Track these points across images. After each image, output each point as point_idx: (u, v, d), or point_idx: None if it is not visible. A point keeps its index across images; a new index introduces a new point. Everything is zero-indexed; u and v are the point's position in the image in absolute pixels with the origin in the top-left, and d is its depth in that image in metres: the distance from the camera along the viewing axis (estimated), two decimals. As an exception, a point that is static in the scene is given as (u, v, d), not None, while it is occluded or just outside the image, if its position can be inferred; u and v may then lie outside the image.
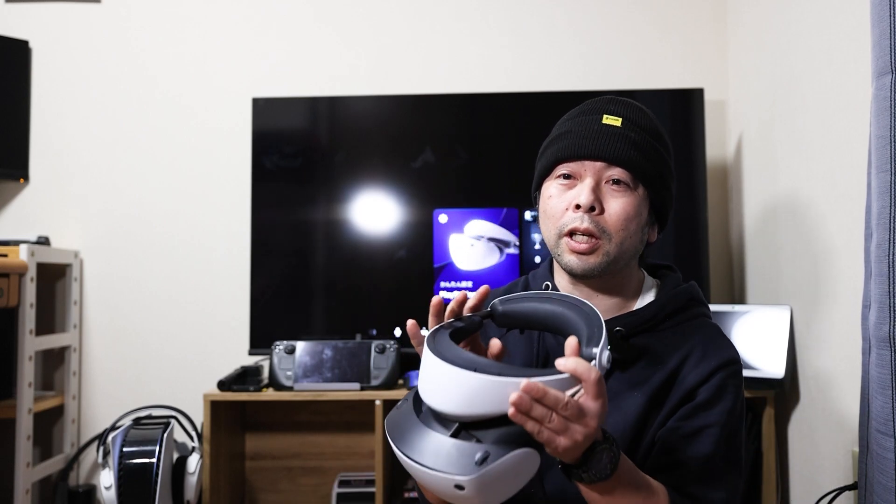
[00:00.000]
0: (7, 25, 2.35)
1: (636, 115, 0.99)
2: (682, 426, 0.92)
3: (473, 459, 0.72)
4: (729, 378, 0.94)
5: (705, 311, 1.03)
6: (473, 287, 2.09)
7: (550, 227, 0.98)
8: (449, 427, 0.76)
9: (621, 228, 0.95)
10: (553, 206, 0.98)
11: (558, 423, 0.73)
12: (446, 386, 0.76)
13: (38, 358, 2.26)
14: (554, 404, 0.72)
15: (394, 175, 2.15)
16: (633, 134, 0.96)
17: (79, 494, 2.19)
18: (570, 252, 0.95)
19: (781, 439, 1.82)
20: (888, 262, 0.98)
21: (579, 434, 0.74)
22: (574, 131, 0.98)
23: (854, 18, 1.40)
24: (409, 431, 0.78)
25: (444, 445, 0.75)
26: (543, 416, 0.72)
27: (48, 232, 2.30)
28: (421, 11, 2.35)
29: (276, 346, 1.98)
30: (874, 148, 1.02)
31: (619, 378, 0.96)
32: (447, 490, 0.74)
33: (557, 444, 0.74)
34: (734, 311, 1.87)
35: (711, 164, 2.25)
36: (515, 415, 0.72)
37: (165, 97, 2.35)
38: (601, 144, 0.95)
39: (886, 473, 0.99)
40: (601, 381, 0.75)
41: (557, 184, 0.99)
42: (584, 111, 1.01)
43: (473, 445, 0.73)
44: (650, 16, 2.32)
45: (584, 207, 0.94)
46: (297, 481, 2.28)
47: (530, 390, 0.71)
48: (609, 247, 0.94)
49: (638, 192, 0.96)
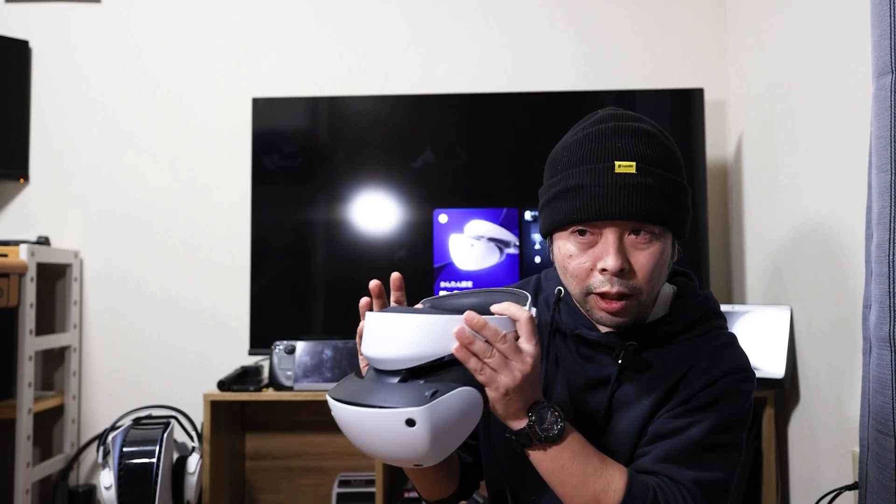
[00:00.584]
0: (7, 25, 2.35)
1: (646, 147, 0.90)
2: (673, 422, 0.92)
3: (423, 395, 0.76)
4: (734, 384, 0.92)
5: (721, 323, 1.01)
6: (473, 287, 2.09)
7: (575, 285, 0.93)
8: (394, 376, 0.79)
9: (650, 280, 0.91)
10: (575, 266, 0.92)
11: (498, 358, 0.79)
12: (393, 335, 0.79)
13: (38, 358, 2.26)
14: (493, 337, 0.78)
15: (394, 175, 2.15)
16: (650, 179, 0.88)
17: (79, 494, 2.19)
18: (601, 310, 0.92)
19: (781, 439, 1.82)
20: (888, 262, 0.98)
21: (518, 371, 0.80)
22: (585, 186, 0.89)
23: (854, 18, 1.40)
24: (355, 389, 0.81)
25: (393, 389, 0.78)
26: (484, 351, 0.78)
27: (48, 232, 2.30)
28: (421, 11, 2.35)
29: (276, 346, 1.98)
30: (874, 148, 1.02)
31: (628, 388, 0.96)
32: (397, 431, 0.75)
33: (498, 382, 0.79)
34: (734, 311, 1.87)
35: (711, 164, 2.25)
36: (459, 349, 0.77)
37: (165, 97, 2.35)
38: (619, 203, 0.87)
39: (886, 473, 0.99)
40: (532, 320, 0.82)
41: (574, 241, 0.92)
42: (589, 154, 0.91)
43: (422, 385, 0.77)
44: (650, 16, 2.32)
45: (611, 272, 0.88)
46: (297, 481, 2.28)
47: (471, 320, 0.77)
48: (640, 299, 0.91)
49: (662, 236, 0.91)
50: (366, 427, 0.78)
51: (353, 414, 0.78)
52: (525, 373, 0.80)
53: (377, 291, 0.91)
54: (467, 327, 0.78)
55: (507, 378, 0.79)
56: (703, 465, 0.89)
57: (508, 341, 0.80)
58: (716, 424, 0.90)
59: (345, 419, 0.80)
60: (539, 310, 1.06)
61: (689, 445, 0.89)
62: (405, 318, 0.79)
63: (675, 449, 0.89)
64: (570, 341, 1.00)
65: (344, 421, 0.80)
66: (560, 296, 1.02)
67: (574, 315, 1.00)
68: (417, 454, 0.78)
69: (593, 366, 0.98)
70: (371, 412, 0.76)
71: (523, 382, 0.80)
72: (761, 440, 1.79)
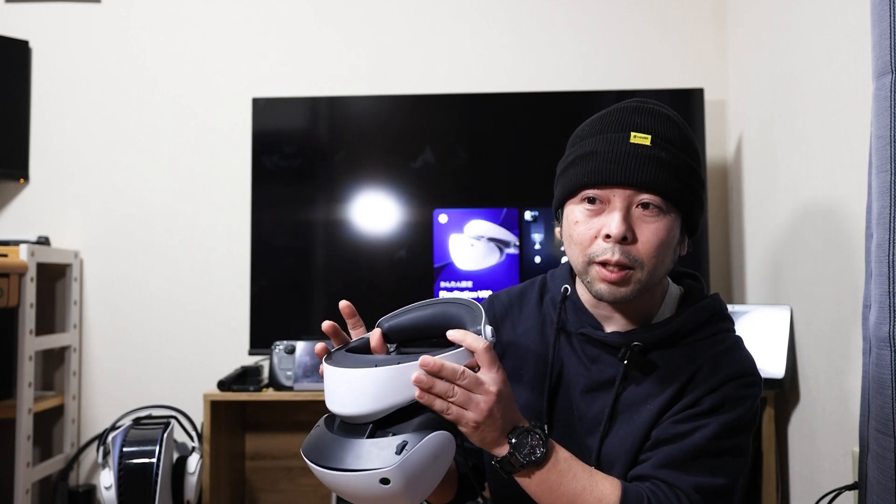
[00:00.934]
0: (7, 25, 2.35)
1: (665, 127, 0.91)
2: (677, 427, 0.91)
3: (393, 450, 0.76)
4: (739, 388, 0.91)
5: (728, 326, 1.00)
6: (473, 287, 2.10)
7: (578, 253, 0.93)
8: (364, 431, 0.79)
9: (654, 255, 0.89)
10: (580, 232, 0.92)
11: (461, 395, 0.79)
12: (352, 390, 0.79)
13: (38, 358, 2.26)
14: (452, 375, 0.78)
15: (394, 175, 2.15)
16: (663, 153, 0.89)
17: (79, 494, 2.19)
18: (601, 280, 0.90)
19: (781, 439, 1.82)
20: (888, 262, 0.98)
21: (483, 403, 0.80)
22: (600, 153, 0.90)
23: (854, 18, 1.40)
24: (326, 447, 0.81)
25: (362, 447, 0.78)
26: (446, 391, 0.78)
27: (48, 232, 2.30)
28: (421, 11, 2.35)
29: (276, 346, 1.98)
30: (874, 148, 1.02)
31: (633, 391, 0.95)
32: (373, 490, 0.76)
33: (467, 418, 0.80)
34: (734, 311, 1.87)
35: (711, 164, 2.25)
36: (422, 395, 0.78)
37: (165, 97, 2.35)
38: (630, 169, 0.88)
39: (886, 473, 0.99)
40: (490, 348, 0.81)
41: (583, 209, 0.92)
42: (608, 125, 0.93)
43: (390, 439, 0.77)
44: (650, 16, 2.32)
45: (614, 238, 0.88)
46: (297, 481, 2.28)
47: (426, 364, 0.77)
48: (641, 275, 0.90)
49: (670, 214, 0.91)
50: (343, 487, 0.79)
51: (330, 476, 0.79)
52: (491, 403, 0.80)
53: (348, 312, 0.93)
54: (423, 373, 0.78)
55: (474, 412, 0.80)
56: (706, 471, 0.88)
57: (468, 377, 0.79)
58: (720, 429, 0.89)
59: (322, 479, 0.81)
60: (545, 308, 1.05)
61: (691, 451, 0.88)
62: (361, 373, 0.78)
63: (677, 454, 0.89)
64: (575, 341, 1.00)
65: (322, 479, 0.81)
66: (566, 294, 1.01)
67: (580, 314, 1.00)
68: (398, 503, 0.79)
69: (598, 366, 0.97)
70: (345, 476, 0.77)
71: (492, 412, 0.81)
72: (761, 440, 1.79)
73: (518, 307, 1.07)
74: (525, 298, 1.08)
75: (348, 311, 0.93)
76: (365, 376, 0.78)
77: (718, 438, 0.89)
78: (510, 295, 1.10)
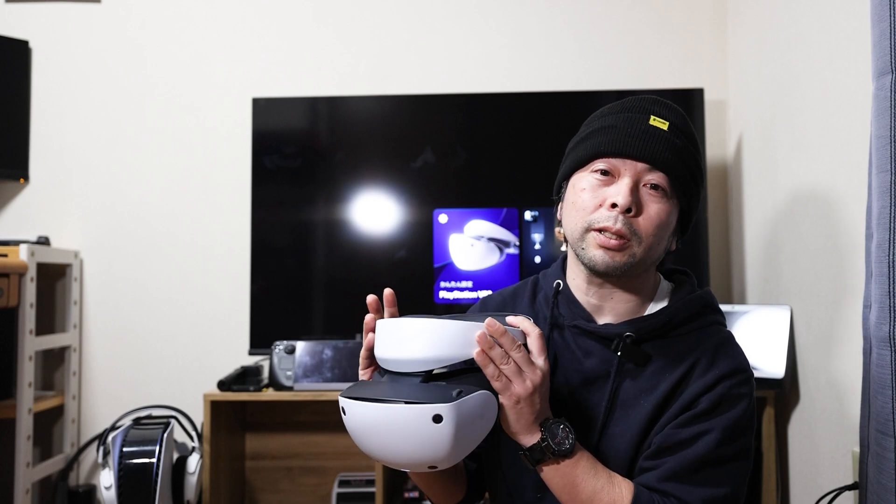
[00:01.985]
0: (7, 25, 2.35)
1: (681, 121, 0.96)
2: (678, 432, 0.90)
3: (450, 392, 0.77)
4: (734, 387, 0.92)
5: (720, 319, 1.01)
6: (473, 287, 2.10)
7: (578, 219, 0.94)
8: (417, 379, 0.81)
9: (653, 234, 0.92)
10: (585, 199, 0.93)
11: (513, 366, 0.82)
12: (415, 337, 0.81)
13: (38, 358, 2.26)
14: (509, 345, 0.82)
15: (394, 175, 2.15)
16: (678, 141, 0.93)
17: (79, 494, 2.19)
18: (597, 246, 0.92)
19: (781, 439, 1.82)
20: (888, 262, 0.98)
21: (529, 381, 0.83)
22: (619, 127, 0.93)
23: (854, 19, 1.40)
24: (375, 386, 0.82)
25: (418, 388, 0.79)
26: (501, 357, 0.81)
27: (48, 232, 2.30)
28: (420, 11, 2.35)
29: (276, 346, 1.98)
30: (874, 148, 1.02)
31: (628, 386, 0.95)
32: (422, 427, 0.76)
33: (512, 390, 0.82)
34: (734, 311, 1.87)
35: (711, 164, 2.25)
36: (480, 354, 0.80)
37: (165, 97, 2.35)
38: (647, 146, 0.92)
39: (886, 473, 0.99)
40: (542, 336, 0.85)
41: (593, 177, 0.94)
42: (629, 107, 0.96)
43: (446, 385, 0.79)
44: (650, 16, 2.32)
45: (621, 208, 0.90)
46: (297, 481, 2.28)
47: (491, 325, 0.81)
48: (637, 249, 0.91)
49: (673, 200, 0.94)
50: (388, 424, 0.78)
51: (376, 411, 0.78)
52: (536, 384, 0.83)
53: (391, 300, 0.93)
54: (487, 333, 0.80)
55: (520, 387, 0.82)
56: (712, 482, 0.89)
57: (522, 352, 0.82)
58: (722, 436, 0.89)
59: (363, 418, 0.80)
60: (538, 307, 1.06)
61: (696, 462, 0.89)
62: (429, 322, 0.81)
63: (682, 467, 0.89)
64: (567, 334, 1.00)
65: (362, 420, 0.80)
66: (559, 289, 1.02)
67: (573, 307, 1.00)
68: (439, 453, 0.78)
69: (592, 360, 0.97)
70: (396, 408, 0.77)
71: (534, 394, 0.83)
72: (761, 440, 1.79)
73: (511, 306, 1.08)
74: (518, 297, 1.09)
75: (391, 298, 0.93)
76: (432, 324, 0.81)
77: (721, 446, 0.89)
78: (503, 295, 1.11)
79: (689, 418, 0.91)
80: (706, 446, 0.89)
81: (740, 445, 0.91)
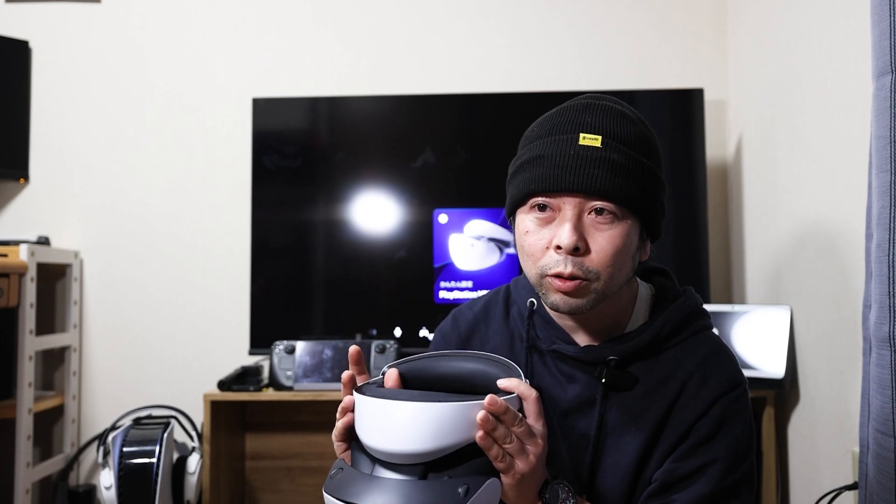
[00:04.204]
0: (7, 25, 2.35)
1: (617, 125, 0.85)
2: (680, 466, 0.86)
3: (457, 493, 0.70)
4: (731, 405, 0.87)
5: (706, 323, 0.94)
6: (473, 287, 2.10)
7: (530, 266, 0.87)
8: (413, 472, 0.71)
9: (610, 265, 0.83)
10: (531, 243, 0.86)
11: (516, 443, 0.74)
12: (412, 425, 0.71)
13: (38, 358, 2.26)
14: (511, 421, 0.74)
15: (394, 175, 2.15)
16: (615, 155, 0.83)
17: (79, 494, 2.19)
18: (555, 291, 0.85)
19: (781, 439, 1.82)
20: (888, 262, 0.98)
21: (532, 455, 0.76)
22: (547, 156, 0.84)
23: (854, 19, 1.40)
24: (367, 489, 0.71)
25: (418, 488, 0.70)
26: (505, 436, 0.73)
27: (48, 232, 2.30)
28: (420, 11, 2.35)
29: (276, 346, 1.98)
30: (874, 148, 1.02)
31: (616, 413, 0.89)
32: None
33: (516, 468, 0.75)
34: (734, 311, 1.87)
35: (711, 164, 2.25)
36: (483, 437, 0.72)
37: (165, 97, 2.35)
38: (579, 175, 0.82)
39: (886, 473, 0.99)
40: (539, 400, 0.78)
41: (533, 217, 0.86)
42: (556, 126, 0.87)
43: (450, 481, 0.71)
44: (650, 16, 2.32)
45: (565, 250, 0.82)
46: (297, 481, 2.28)
47: (493, 404, 0.72)
48: (597, 284, 0.84)
49: (626, 220, 0.84)
50: None
51: None
52: (538, 455, 0.77)
53: (356, 358, 0.84)
54: (488, 413, 0.72)
55: (523, 463, 0.75)
56: None
57: (524, 425, 0.75)
58: (727, 465, 0.85)
59: None
60: (512, 323, 1.00)
61: (703, 499, 0.85)
62: (424, 407, 0.71)
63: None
64: (548, 359, 0.94)
65: None
66: (533, 308, 0.96)
67: (549, 328, 0.94)
68: None
69: (575, 386, 0.91)
70: None
71: (537, 466, 0.77)
72: (761, 440, 1.79)
73: (484, 322, 1.01)
74: (490, 312, 1.02)
75: (357, 357, 0.84)
76: (429, 411, 0.71)
77: (727, 476, 0.85)
78: (474, 310, 1.03)
79: (689, 449, 0.86)
80: (712, 480, 0.85)
81: (745, 470, 0.87)
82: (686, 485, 0.85)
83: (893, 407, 0.97)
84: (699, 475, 0.85)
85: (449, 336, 1.03)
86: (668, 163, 2.13)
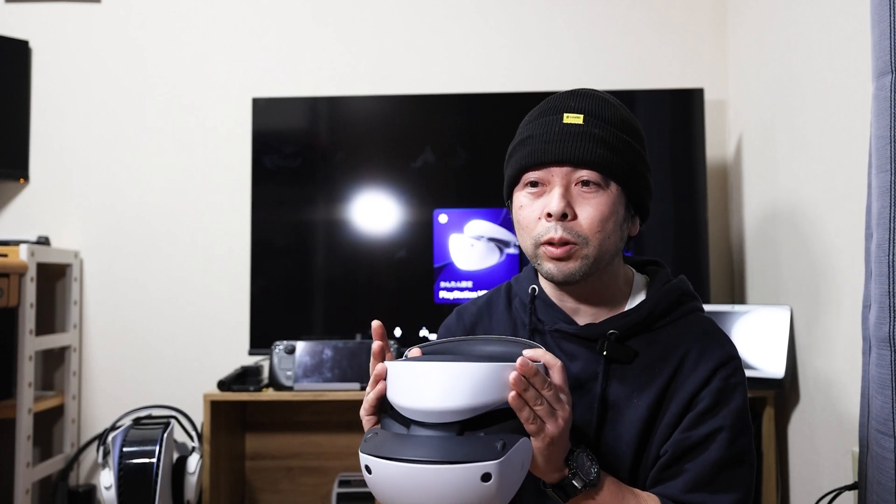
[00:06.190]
0: (7, 25, 2.35)
1: (599, 107, 0.93)
2: (689, 436, 0.90)
3: (494, 447, 0.72)
4: (730, 377, 0.92)
5: (698, 305, 1.01)
6: (473, 287, 2.10)
7: (526, 237, 0.95)
8: (449, 430, 0.74)
9: (597, 231, 0.90)
10: (525, 216, 0.94)
11: (546, 407, 0.77)
12: (445, 383, 0.74)
13: (38, 358, 2.26)
14: (541, 384, 0.77)
15: (394, 175, 2.15)
16: (596, 130, 0.91)
17: (79, 494, 2.19)
18: (549, 259, 0.91)
19: (781, 439, 1.82)
20: (888, 262, 0.98)
21: (561, 419, 0.78)
22: (535, 135, 0.93)
23: (854, 19, 1.40)
24: (406, 445, 0.73)
25: (456, 443, 0.72)
26: (535, 398, 0.76)
27: (48, 232, 2.30)
28: (420, 11, 2.35)
29: (276, 346, 1.98)
30: (874, 148, 1.02)
31: (617, 387, 0.94)
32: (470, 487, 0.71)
33: (546, 431, 0.77)
34: (734, 311, 1.87)
35: (711, 164, 2.25)
36: (515, 398, 0.75)
37: (165, 97, 2.35)
38: (564, 147, 0.90)
39: (886, 473, 0.99)
40: (564, 368, 0.81)
41: (526, 193, 0.94)
42: (544, 111, 0.96)
43: (485, 437, 0.73)
44: (650, 16, 2.32)
45: (555, 216, 0.90)
46: (297, 481, 2.28)
47: (525, 366, 0.75)
48: (587, 250, 0.90)
49: (611, 189, 0.91)
50: (429, 486, 0.71)
51: (414, 472, 0.71)
52: (566, 419, 0.79)
53: (380, 333, 0.87)
54: (520, 375, 0.75)
55: (553, 427, 0.78)
56: (732, 486, 0.89)
57: (552, 388, 0.78)
58: (732, 433, 0.90)
59: (398, 480, 0.72)
60: (514, 313, 1.04)
61: (713, 467, 0.89)
62: (459, 367, 0.74)
63: (701, 475, 0.89)
64: (549, 339, 0.99)
65: (396, 482, 0.73)
66: (535, 294, 1.01)
67: (551, 311, 0.99)
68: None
69: (577, 364, 0.96)
70: (440, 469, 0.70)
71: (565, 430, 0.79)
72: (761, 440, 1.79)
73: (487, 314, 1.07)
74: (493, 305, 1.07)
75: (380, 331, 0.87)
76: (465, 370, 0.74)
77: (732, 444, 0.90)
78: (477, 304, 1.09)
79: (695, 418, 0.91)
80: (721, 447, 0.89)
81: (746, 441, 0.92)
82: (697, 453, 0.90)
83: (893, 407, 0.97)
84: (708, 442, 0.89)
85: (454, 330, 1.08)
86: (668, 163, 2.13)
